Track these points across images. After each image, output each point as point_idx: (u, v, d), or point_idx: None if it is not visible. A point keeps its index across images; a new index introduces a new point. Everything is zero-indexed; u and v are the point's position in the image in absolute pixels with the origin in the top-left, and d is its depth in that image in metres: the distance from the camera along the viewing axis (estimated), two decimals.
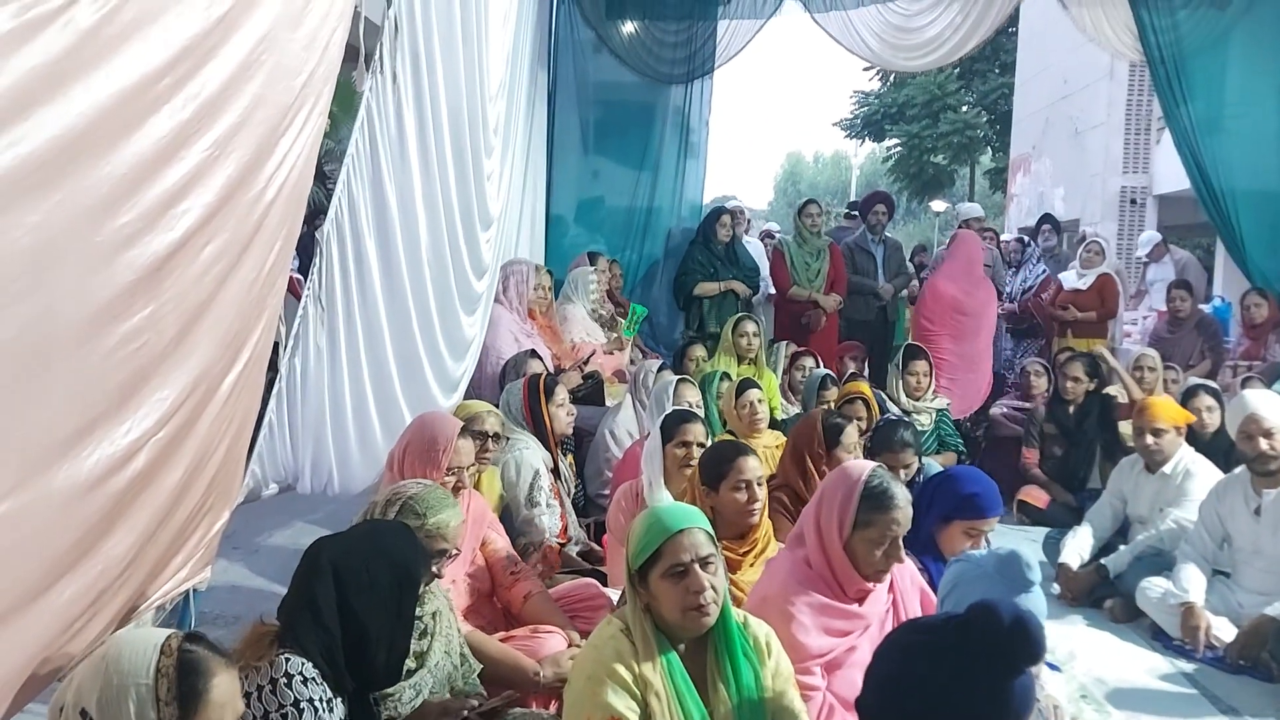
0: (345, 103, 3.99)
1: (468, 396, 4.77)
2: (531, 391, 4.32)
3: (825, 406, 5.05)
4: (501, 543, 3.40)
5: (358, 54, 3.69)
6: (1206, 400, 5.09)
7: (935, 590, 2.65)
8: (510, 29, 5.34)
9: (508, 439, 4.10)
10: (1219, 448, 4.75)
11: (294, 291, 4.51)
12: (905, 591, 2.72)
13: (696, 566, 2.15)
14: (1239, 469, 4.14)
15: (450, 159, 4.39)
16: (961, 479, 3.31)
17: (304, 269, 4.72)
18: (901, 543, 2.56)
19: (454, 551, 2.65)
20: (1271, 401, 4.08)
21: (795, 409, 5.84)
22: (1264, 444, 3.95)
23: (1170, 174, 13.24)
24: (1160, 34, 7.21)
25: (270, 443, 3.53)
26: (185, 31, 2.04)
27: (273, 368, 3.31)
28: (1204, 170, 7.27)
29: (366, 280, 3.86)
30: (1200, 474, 4.50)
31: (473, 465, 3.44)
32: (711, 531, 2.25)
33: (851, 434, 3.86)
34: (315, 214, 5.35)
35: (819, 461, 3.73)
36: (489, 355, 5.41)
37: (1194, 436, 4.84)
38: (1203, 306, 8.29)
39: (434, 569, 2.58)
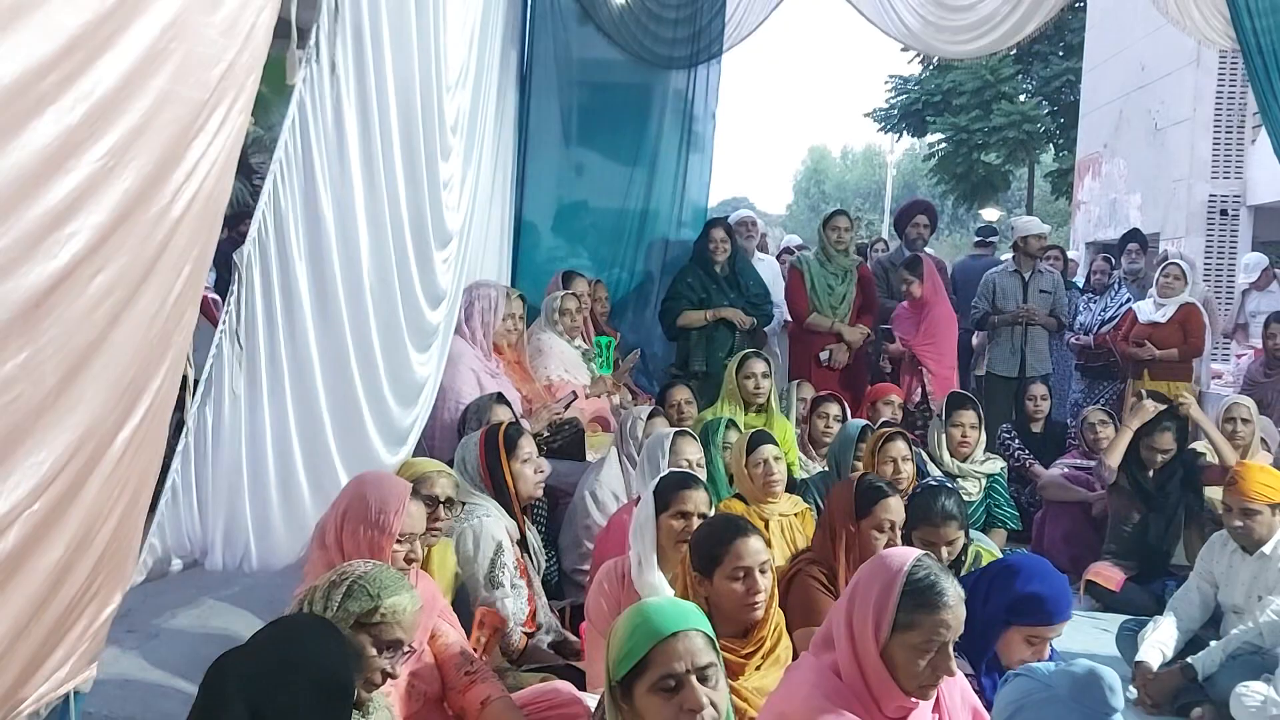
0: (276, 82, 3.98)
1: (418, 452, 4.73)
2: (489, 445, 4.29)
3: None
4: (454, 635, 3.37)
5: (290, 28, 3.68)
6: None
7: (989, 709, 2.62)
8: (475, 1, 5.35)
9: (463, 504, 4.06)
10: None
11: (209, 315, 4.47)
12: (954, 711, 2.69)
13: (693, 679, 2.13)
14: None
15: (400, 165, 4.37)
16: (1024, 573, 3.29)
17: (222, 287, 4.67)
18: (951, 651, 2.53)
19: (408, 647, 2.63)
20: None
21: (817, 465, 5.82)
22: None
23: (1268, 181, 13.29)
24: (1258, 18, 7.26)
25: (174, 510, 3.50)
26: (76, 18, 2.03)
27: (178, 412, 3.28)
28: None
29: (295, 312, 3.83)
30: None
31: (424, 534, 3.41)
32: (712, 634, 2.23)
33: (893, 507, 3.84)
34: (239, 217, 5.31)
35: (852, 538, 3.75)
36: (445, 400, 5.38)
37: None
38: None
39: (388, 667, 2.56)
